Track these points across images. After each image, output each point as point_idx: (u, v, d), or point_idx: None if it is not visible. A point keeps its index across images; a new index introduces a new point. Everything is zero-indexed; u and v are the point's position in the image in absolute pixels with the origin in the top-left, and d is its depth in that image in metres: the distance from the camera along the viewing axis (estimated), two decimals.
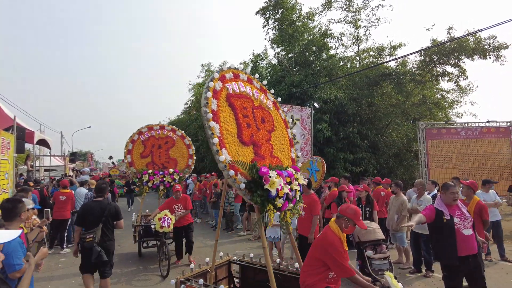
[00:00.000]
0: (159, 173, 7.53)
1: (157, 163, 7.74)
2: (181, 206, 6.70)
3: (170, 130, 8.13)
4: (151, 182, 7.41)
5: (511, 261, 6.72)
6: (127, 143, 7.59)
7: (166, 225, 5.90)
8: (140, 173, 7.43)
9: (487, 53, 12.76)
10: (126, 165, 7.59)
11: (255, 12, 17.43)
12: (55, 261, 7.13)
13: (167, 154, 7.88)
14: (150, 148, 7.71)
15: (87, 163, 42.59)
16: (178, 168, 7.97)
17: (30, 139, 9.18)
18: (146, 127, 7.87)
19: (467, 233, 3.77)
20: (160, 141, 7.92)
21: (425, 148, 12.45)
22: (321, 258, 3.10)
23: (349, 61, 17.15)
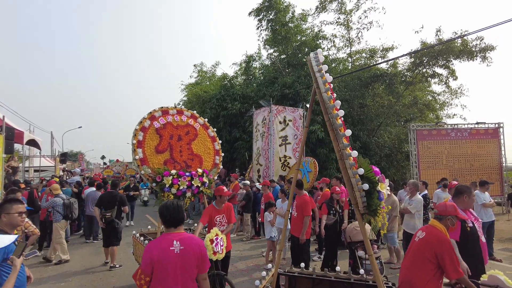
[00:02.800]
0: (185, 175, 5.22)
1: (179, 161, 5.47)
2: (224, 219, 4.88)
3: (190, 116, 5.88)
4: (175, 187, 5.07)
5: (499, 260, 6.83)
6: (136, 132, 5.16)
7: (219, 249, 4.25)
8: (160, 174, 5.07)
9: (475, 54, 13.01)
10: (137, 163, 5.08)
11: (248, 13, 17.47)
12: (44, 264, 7.04)
13: (190, 149, 5.67)
14: (168, 139, 5.47)
15: (78, 164, 42.11)
16: (204, 168, 5.89)
17: (19, 139, 9.06)
18: (160, 110, 5.53)
19: (484, 240, 3.57)
20: (180, 131, 5.66)
21: (416, 149, 12.60)
22: (434, 258, 2.88)
23: (341, 62, 17.27)
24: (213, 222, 4.70)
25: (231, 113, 14.71)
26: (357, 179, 2.79)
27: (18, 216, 2.98)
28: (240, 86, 17.39)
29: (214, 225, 4.60)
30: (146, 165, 5.13)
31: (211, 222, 4.72)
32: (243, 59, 19.15)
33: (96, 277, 6.21)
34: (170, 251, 2.52)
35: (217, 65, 24.44)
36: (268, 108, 11.19)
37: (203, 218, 4.70)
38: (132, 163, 33.59)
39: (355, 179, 2.77)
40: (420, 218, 6.07)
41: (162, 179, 5.00)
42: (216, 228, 4.20)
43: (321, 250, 7.29)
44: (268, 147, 11.02)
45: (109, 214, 6.56)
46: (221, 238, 4.17)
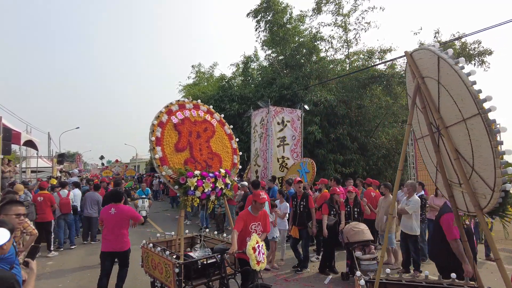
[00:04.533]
0: (209, 176, 4.67)
1: (199, 160, 4.91)
2: (259, 227, 4.38)
3: (206, 111, 5.36)
4: (199, 189, 4.49)
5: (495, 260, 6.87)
6: (154, 127, 4.57)
7: (262, 258, 3.81)
8: (184, 175, 4.46)
9: (472, 58, 13.04)
10: (156, 163, 4.47)
11: (247, 14, 17.52)
12: (41, 264, 7.01)
13: (209, 147, 5.14)
14: (187, 136, 4.91)
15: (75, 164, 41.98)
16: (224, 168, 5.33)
17: (16, 140, 9.03)
18: (177, 103, 4.98)
19: None
20: (198, 127, 5.11)
21: (413, 150, 12.65)
22: None
23: (339, 63, 17.33)
24: (247, 230, 4.22)
25: (229, 114, 14.72)
26: (503, 178, 2.66)
27: (15, 218, 2.98)
28: (238, 87, 17.42)
29: (249, 234, 4.12)
30: (166, 165, 4.47)
31: (245, 230, 4.22)
32: (241, 60, 19.19)
33: (94, 278, 6.19)
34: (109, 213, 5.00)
35: (215, 66, 24.44)
36: (266, 109, 11.21)
37: (237, 225, 4.18)
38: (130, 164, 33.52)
39: (501, 178, 2.65)
40: (417, 218, 6.09)
41: (185, 181, 4.40)
42: (256, 235, 3.90)
43: (319, 251, 7.31)
44: (266, 148, 11.03)
45: None
46: (262, 245, 3.87)
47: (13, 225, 2.93)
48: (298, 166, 10.51)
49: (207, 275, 4.40)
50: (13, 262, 2.55)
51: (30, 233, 4.32)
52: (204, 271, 4.43)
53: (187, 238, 5.63)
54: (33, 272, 2.44)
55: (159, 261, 4.55)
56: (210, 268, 4.43)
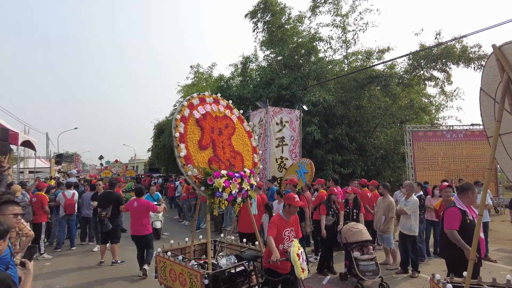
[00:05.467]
0: (235, 176, 4.31)
1: (223, 159, 4.56)
2: (292, 233, 4.05)
3: (226, 106, 5.00)
4: (227, 191, 4.11)
5: (493, 260, 6.88)
6: (176, 122, 4.19)
7: (305, 265, 3.63)
8: (211, 175, 4.08)
9: (472, 62, 13.03)
10: (181, 162, 4.04)
11: (244, 15, 17.52)
12: (39, 265, 6.98)
13: (231, 145, 4.82)
14: (210, 133, 4.55)
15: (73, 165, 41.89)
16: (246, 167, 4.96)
17: (14, 140, 8.97)
18: (198, 97, 4.63)
19: (482, 237, 3.90)
20: (219, 123, 4.77)
21: (411, 150, 12.67)
22: None
23: (338, 64, 17.34)
24: (280, 237, 3.89)
25: None
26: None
27: (13, 218, 2.97)
28: (237, 87, 17.39)
29: (282, 240, 3.90)
30: (191, 164, 4.06)
31: (278, 236, 3.88)
32: (239, 61, 19.18)
33: (91, 278, 6.17)
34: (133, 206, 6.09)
35: (213, 66, 24.41)
36: (264, 110, 11.20)
37: (271, 231, 3.84)
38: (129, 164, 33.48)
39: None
40: (416, 219, 6.09)
41: (213, 182, 4.04)
42: (297, 241, 3.70)
43: (317, 251, 7.30)
44: (265, 148, 11.02)
45: (104, 213, 6.83)
46: (304, 251, 3.71)
47: (9, 225, 2.91)
48: (296, 166, 10.50)
49: (235, 285, 4.05)
50: (8, 263, 2.53)
51: (26, 234, 4.29)
52: (231, 281, 4.03)
53: (200, 244, 5.37)
54: (30, 273, 2.43)
55: (181, 272, 4.12)
56: (238, 277, 4.09)
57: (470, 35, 9.83)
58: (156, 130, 30.44)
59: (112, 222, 6.93)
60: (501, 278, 5.70)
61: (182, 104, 4.34)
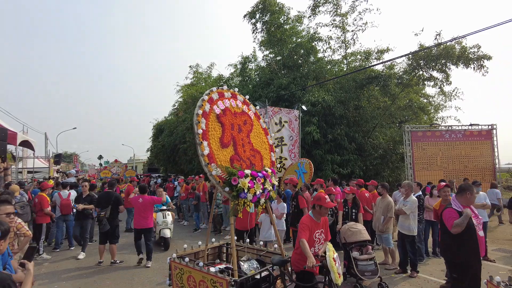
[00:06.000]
0: (259, 176, 4.05)
1: (243, 158, 4.27)
2: (322, 235, 3.91)
3: (243, 101, 4.72)
4: (251, 191, 3.82)
5: (492, 260, 6.89)
6: (198, 118, 3.88)
7: (341, 271, 3.54)
8: (235, 175, 3.79)
9: (471, 62, 13.05)
10: (204, 161, 3.74)
11: (243, 15, 17.52)
12: (37, 265, 6.96)
13: (250, 143, 4.55)
14: (230, 130, 4.26)
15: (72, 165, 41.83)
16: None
17: (12, 140, 8.95)
18: (217, 91, 4.33)
19: (481, 235, 3.89)
20: (238, 119, 4.49)
21: (410, 150, 12.69)
22: None
23: (337, 64, 17.35)
24: (312, 239, 3.71)
25: None
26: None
27: (6, 217, 2.96)
28: (236, 87, 17.38)
29: (313, 243, 3.73)
30: (214, 163, 3.77)
31: (309, 238, 3.68)
32: (239, 61, 19.18)
33: (90, 279, 6.16)
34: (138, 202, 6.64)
35: (212, 66, 24.41)
36: (263, 110, 11.20)
37: (303, 233, 3.63)
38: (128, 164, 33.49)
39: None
40: (415, 219, 6.10)
41: (237, 182, 3.74)
42: (330, 244, 3.58)
43: None
44: None
45: (102, 213, 6.84)
46: (337, 256, 3.59)
47: (9, 226, 2.90)
48: (295, 166, 10.50)
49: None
50: (5, 262, 2.53)
51: (24, 235, 4.28)
52: (256, 287, 3.78)
53: (213, 248, 5.11)
54: (30, 273, 2.42)
55: (202, 279, 3.78)
56: (263, 283, 3.85)
57: (469, 35, 9.81)
58: (155, 130, 30.44)
59: (111, 222, 6.92)
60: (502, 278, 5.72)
61: (202, 99, 4.02)
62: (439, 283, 5.60)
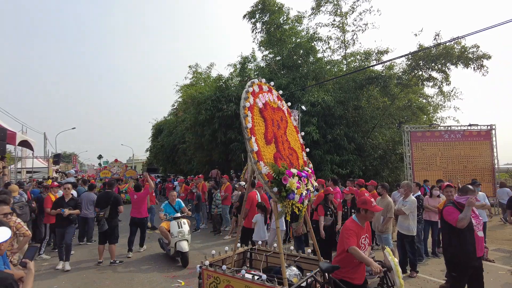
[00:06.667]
0: (303, 176, 3.76)
1: (284, 156, 3.94)
2: (367, 240, 3.74)
3: (277, 96, 4.40)
4: (298, 192, 3.51)
5: (491, 260, 6.90)
6: (245, 111, 3.59)
7: None
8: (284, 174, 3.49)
9: (471, 62, 13.05)
10: (254, 158, 3.42)
11: (243, 15, 17.52)
12: (37, 265, 6.95)
13: (287, 141, 4.23)
14: (271, 126, 3.94)
15: (71, 165, 41.79)
16: None
17: (11, 140, 8.95)
18: (257, 84, 4.00)
19: (480, 235, 3.98)
20: (276, 115, 4.15)
21: (410, 150, 12.70)
22: None
23: (336, 64, 17.35)
24: (358, 245, 3.50)
25: (226, 114, 14.68)
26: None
27: (3, 218, 2.96)
28: (236, 87, 17.38)
29: (360, 248, 3.48)
30: (262, 160, 3.46)
31: (356, 245, 3.47)
32: (238, 61, 19.18)
33: (89, 279, 6.15)
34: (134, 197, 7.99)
35: (212, 66, 24.39)
36: None
37: (351, 239, 3.41)
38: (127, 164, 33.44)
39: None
40: (414, 219, 6.10)
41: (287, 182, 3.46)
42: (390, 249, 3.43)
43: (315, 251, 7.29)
44: None
45: (102, 213, 6.88)
46: None
47: (9, 226, 2.90)
48: None
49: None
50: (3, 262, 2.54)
51: (23, 234, 4.28)
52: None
53: (238, 253, 4.73)
54: (31, 273, 2.43)
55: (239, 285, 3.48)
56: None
57: (469, 36, 9.83)
58: (155, 130, 30.43)
59: (110, 222, 6.93)
60: (499, 278, 5.73)
61: (247, 90, 3.72)
62: (439, 283, 5.60)
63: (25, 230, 4.32)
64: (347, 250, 3.36)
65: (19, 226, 4.26)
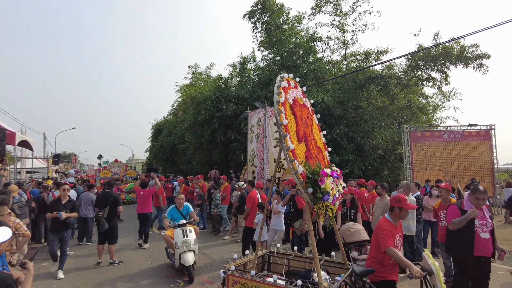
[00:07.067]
0: (334, 176, 3.60)
1: (313, 155, 3.74)
2: (400, 239, 3.61)
3: (302, 93, 4.23)
4: (332, 193, 3.36)
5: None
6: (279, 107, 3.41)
7: None
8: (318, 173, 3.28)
9: (470, 62, 13.07)
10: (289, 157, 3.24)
11: (243, 15, 17.54)
12: (37, 266, 6.94)
13: (314, 139, 4.03)
14: (300, 123, 3.74)
15: (71, 165, 41.77)
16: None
17: (11, 140, 8.94)
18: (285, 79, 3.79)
19: (484, 237, 3.97)
20: (303, 112, 3.94)
21: (409, 150, 12.71)
22: None
23: (336, 64, 17.37)
24: (395, 245, 3.39)
25: (226, 114, 14.70)
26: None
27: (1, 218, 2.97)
28: (235, 87, 17.39)
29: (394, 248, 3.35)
30: (296, 159, 3.26)
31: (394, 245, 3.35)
32: (238, 61, 19.19)
33: (89, 279, 6.15)
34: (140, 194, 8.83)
35: (211, 66, 24.42)
36: (263, 110, 11.20)
37: (389, 240, 3.27)
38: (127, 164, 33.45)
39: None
40: (413, 219, 6.11)
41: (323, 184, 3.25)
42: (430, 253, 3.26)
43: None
44: (263, 148, 11.03)
45: (101, 213, 6.90)
46: None
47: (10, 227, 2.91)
48: None
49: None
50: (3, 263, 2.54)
51: (23, 235, 4.28)
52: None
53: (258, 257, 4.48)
54: (31, 273, 2.44)
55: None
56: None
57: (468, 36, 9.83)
58: (154, 130, 30.44)
59: (109, 222, 6.92)
60: (499, 277, 5.74)
61: (279, 85, 3.52)
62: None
63: (24, 230, 4.32)
64: (384, 251, 3.24)
65: (18, 226, 4.26)
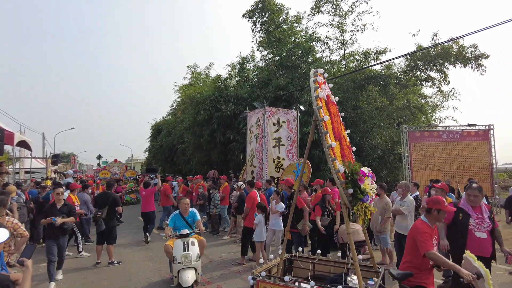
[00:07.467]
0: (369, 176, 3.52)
1: (346, 154, 3.64)
2: (436, 242, 3.46)
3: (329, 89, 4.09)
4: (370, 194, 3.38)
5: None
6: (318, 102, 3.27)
7: None
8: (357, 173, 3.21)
9: (469, 62, 13.09)
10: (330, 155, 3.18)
11: (242, 15, 17.54)
12: (35, 266, 6.93)
13: (344, 137, 3.94)
14: (334, 120, 3.58)
15: (70, 165, 41.73)
16: None
17: (9, 140, 8.93)
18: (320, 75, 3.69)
19: (480, 236, 3.94)
20: (334, 109, 3.84)
21: (408, 150, 12.72)
22: None
23: (335, 64, 17.38)
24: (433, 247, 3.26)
25: (225, 114, 14.69)
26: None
27: None
28: (234, 87, 17.39)
29: None
30: (336, 158, 3.12)
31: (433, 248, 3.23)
32: (237, 61, 19.19)
33: (87, 279, 6.15)
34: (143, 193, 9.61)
35: (210, 66, 24.42)
36: (262, 110, 11.20)
37: (429, 244, 3.11)
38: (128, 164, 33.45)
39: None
40: (412, 219, 6.10)
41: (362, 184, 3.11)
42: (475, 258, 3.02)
43: (314, 251, 7.29)
44: (262, 148, 11.02)
45: (99, 213, 6.91)
46: None
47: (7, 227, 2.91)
48: (293, 166, 10.50)
49: None
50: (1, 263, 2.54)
51: (21, 235, 4.28)
52: None
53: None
54: (29, 271, 2.43)
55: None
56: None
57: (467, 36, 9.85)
58: (153, 130, 30.42)
59: (107, 223, 6.90)
60: (497, 277, 5.75)
61: (314, 80, 3.31)
62: (437, 283, 5.61)
63: (22, 231, 4.32)
64: (423, 255, 3.08)
65: (17, 226, 4.25)
